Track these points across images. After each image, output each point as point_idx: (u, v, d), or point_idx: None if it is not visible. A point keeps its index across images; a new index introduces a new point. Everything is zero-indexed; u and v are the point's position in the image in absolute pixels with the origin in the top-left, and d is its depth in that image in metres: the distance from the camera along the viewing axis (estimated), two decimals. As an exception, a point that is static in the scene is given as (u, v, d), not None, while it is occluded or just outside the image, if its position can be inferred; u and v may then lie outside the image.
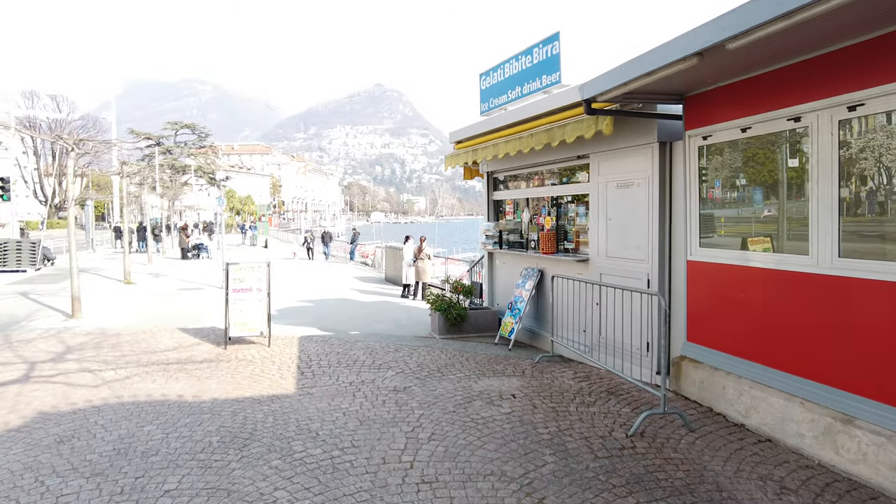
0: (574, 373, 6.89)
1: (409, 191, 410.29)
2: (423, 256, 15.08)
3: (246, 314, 8.10)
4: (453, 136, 9.70)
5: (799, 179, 4.66)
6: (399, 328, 10.47)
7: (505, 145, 7.76)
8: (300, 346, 8.15)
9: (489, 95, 9.01)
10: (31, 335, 8.79)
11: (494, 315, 9.37)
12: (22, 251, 18.24)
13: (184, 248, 25.67)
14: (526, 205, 8.99)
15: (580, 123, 6.37)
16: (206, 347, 8.05)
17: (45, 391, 5.93)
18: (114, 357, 7.40)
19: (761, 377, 4.95)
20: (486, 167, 9.72)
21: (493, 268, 9.84)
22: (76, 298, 9.98)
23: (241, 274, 8.16)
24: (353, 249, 28.72)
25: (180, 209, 57.97)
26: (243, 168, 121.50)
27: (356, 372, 6.80)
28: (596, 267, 7.21)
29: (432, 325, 9.39)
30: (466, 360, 7.42)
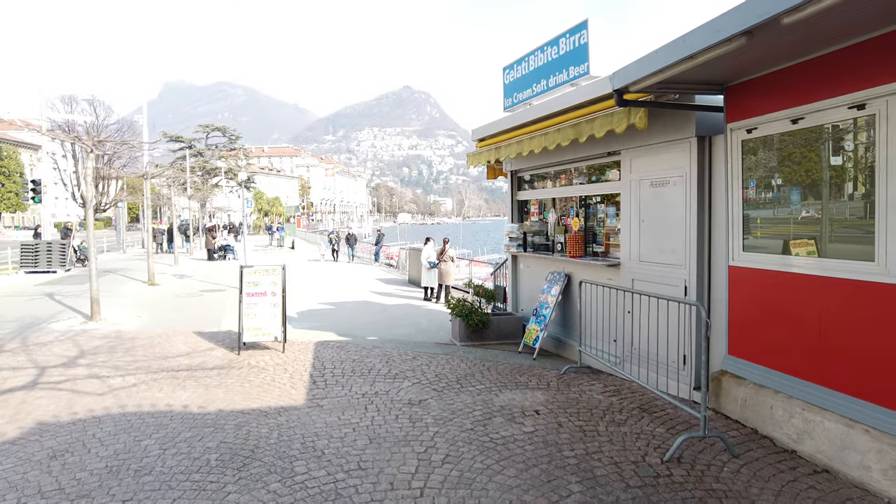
0: (603, 386, 6.41)
1: (436, 192, 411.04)
2: (447, 258, 14.69)
3: (260, 319, 7.84)
4: (475, 133, 9.29)
5: (861, 176, 4.12)
6: (419, 333, 10.11)
7: (529, 142, 7.32)
8: (315, 353, 7.85)
9: (513, 90, 8.57)
10: (48, 338, 8.71)
11: (518, 321, 8.92)
12: (52, 252, 18.52)
13: (210, 249, 25.84)
14: (552, 205, 8.53)
15: (610, 117, 5.89)
16: (219, 353, 7.82)
17: (48, 399, 5.73)
18: (125, 362, 7.22)
19: (816, 398, 4.40)
20: (510, 166, 9.29)
21: (517, 271, 9.39)
22: (95, 301, 9.91)
23: (256, 277, 7.90)
24: (378, 251, 28.52)
25: (211, 211, 58.94)
26: (273, 170, 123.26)
27: (370, 382, 6.45)
28: (627, 272, 6.71)
29: (453, 331, 9.00)
30: (488, 371, 6.99)
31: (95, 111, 68.23)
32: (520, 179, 9.40)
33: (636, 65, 4.89)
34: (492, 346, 8.48)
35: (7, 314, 10.87)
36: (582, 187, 7.74)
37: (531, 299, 8.90)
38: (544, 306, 7.98)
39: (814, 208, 4.51)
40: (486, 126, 8.92)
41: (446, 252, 14.69)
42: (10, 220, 66.45)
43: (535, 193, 8.95)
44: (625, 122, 5.68)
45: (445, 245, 14.83)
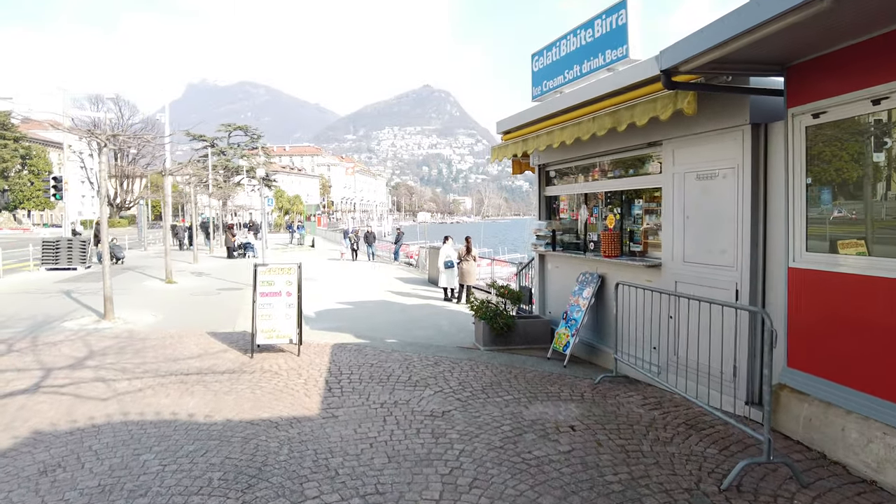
0: (643, 398, 5.87)
1: (456, 191, 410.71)
2: (469, 258, 14.18)
3: (274, 320, 7.45)
4: (500, 125, 8.79)
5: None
6: (441, 336, 9.65)
7: (561, 132, 6.79)
8: (332, 356, 7.44)
9: (542, 78, 8.05)
10: (58, 337, 8.45)
11: (546, 325, 8.40)
12: (73, 249, 18.50)
13: (229, 247, 25.73)
14: (583, 201, 7.99)
15: (654, 103, 5.35)
16: (231, 355, 7.45)
17: (49, 405, 5.40)
18: (133, 364, 6.89)
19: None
20: (538, 159, 8.77)
21: (544, 272, 8.87)
22: (108, 299, 9.66)
23: (270, 276, 7.52)
24: (398, 249, 28.16)
25: (233, 209, 59.41)
26: (294, 169, 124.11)
27: (389, 390, 6.01)
28: (670, 273, 6.15)
29: (476, 334, 8.51)
30: (515, 379, 6.50)
31: (120, 110, 69.26)
32: (548, 174, 8.87)
33: (689, 41, 4.35)
34: (518, 352, 7.98)
35: (22, 312, 10.69)
36: (617, 181, 7.19)
37: (560, 302, 8.37)
38: (575, 310, 7.45)
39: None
40: (513, 117, 8.41)
41: (469, 251, 14.17)
42: (39, 217, 67.89)
43: (565, 189, 8.42)
44: (670, 107, 5.13)
45: (469, 243, 14.31)
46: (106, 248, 9.68)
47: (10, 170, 62.50)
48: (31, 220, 66.88)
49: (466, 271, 14.18)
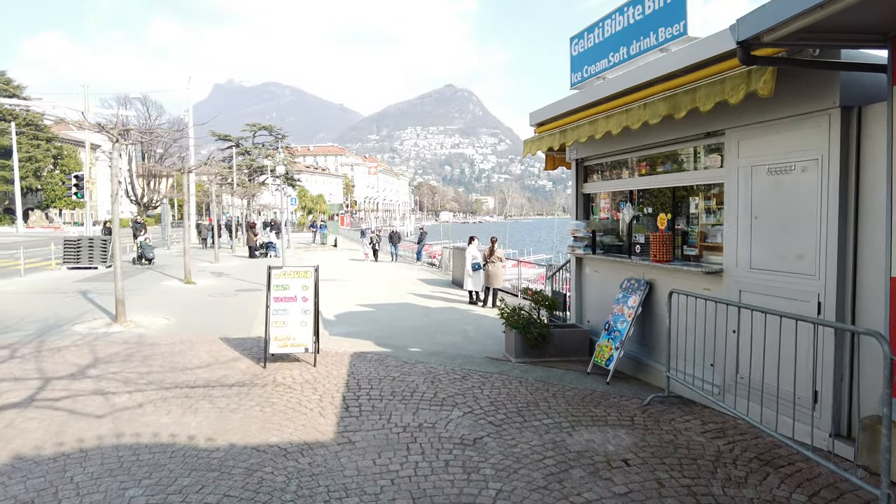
0: (702, 423, 5.12)
1: (478, 190, 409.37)
2: (495, 259, 13.46)
3: (289, 327, 6.88)
4: (534, 116, 8.08)
5: None
6: (467, 343, 8.99)
7: (605, 122, 6.07)
8: (350, 367, 6.83)
9: (582, 62, 7.32)
10: (65, 342, 8.02)
11: (584, 336, 7.67)
12: (94, 248, 18.33)
13: (251, 246, 25.45)
14: (628, 199, 7.23)
15: (720, 85, 4.60)
16: (242, 365, 6.90)
17: (39, 422, 4.89)
18: (137, 374, 6.37)
19: None
20: (575, 153, 8.03)
21: (581, 276, 8.13)
22: (120, 302, 9.22)
23: (285, 280, 6.94)
24: (420, 250, 27.58)
25: (257, 208, 59.65)
26: (318, 168, 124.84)
27: (413, 409, 5.37)
28: (733, 282, 5.39)
29: (507, 344, 7.83)
30: (554, 398, 5.80)
31: (147, 110, 70.25)
32: (586, 169, 8.13)
33: (775, 5, 3.60)
34: (554, 365, 7.27)
35: (35, 313, 10.35)
36: (668, 177, 6.43)
37: (600, 310, 7.64)
38: (619, 319, 6.71)
39: None
40: (549, 107, 7.70)
41: (495, 252, 13.47)
42: (70, 216, 69.24)
43: (606, 185, 7.67)
44: (742, 88, 4.38)
45: (494, 244, 13.61)
46: (117, 248, 9.24)
47: (43, 169, 63.78)
48: (62, 218, 68.23)
49: (493, 274, 13.46)
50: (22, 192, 56.57)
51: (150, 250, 20.47)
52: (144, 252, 20.23)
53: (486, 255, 13.46)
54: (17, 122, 56.00)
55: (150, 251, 20.45)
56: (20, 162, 55.99)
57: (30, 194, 63.83)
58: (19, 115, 59.95)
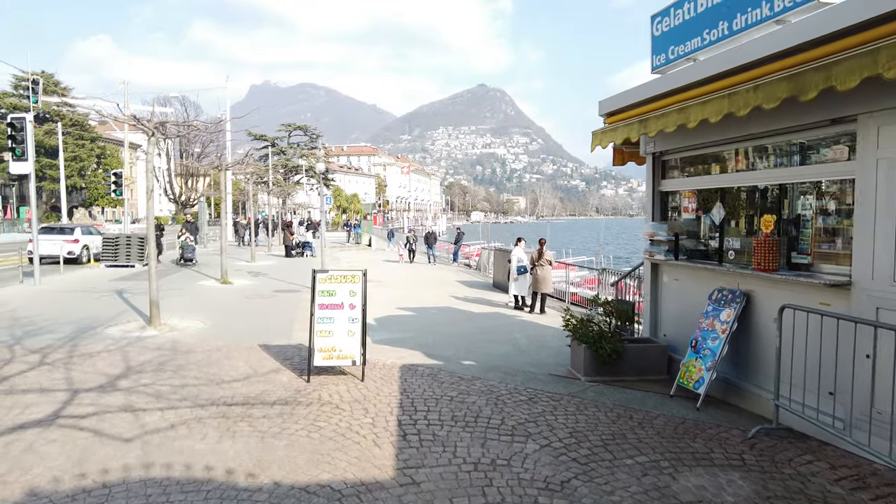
0: (830, 467, 4.24)
1: (510, 190, 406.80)
2: (544, 262, 12.58)
3: (336, 337, 6.21)
4: (604, 105, 7.24)
5: None
6: (520, 354, 8.22)
7: (700, 108, 5.20)
8: (401, 383, 6.14)
9: (667, 43, 6.44)
10: (97, 347, 7.56)
11: (662, 352, 6.80)
12: (131, 246, 18.20)
13: (287, 245, 25.16)
14: (719, 198, 6.33)
15: (870, 56, 3.71)
16: (284, 378, 6.27)
17: (61, 446, 4.33)
18: (170, 387, 5.80)
19: None
20: (653, 146, 7.16)
21: (657, 284, 7.25)
22: (154, 304, 8.75)
23: (331, 285, 6.28)
24: (458, 250, 26.85)
25: (292, 207, 60.02)
26: (351, 168, 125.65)
27: (480, 439, 4.62)
28: (866, 296, 4.47)
29: (574, 360, 7.00)
30: (642, 428, 4.98)
31: (186, 110, 71.51)
32: (664, 164, 7.25)
33: None
34: (629, 385, 6.43)
35: (69, 314, 10.00)
36: (775, 172, 5.53)
37: (680, 323, 6.76)
38: (710, 336, 5.83)
39: None
40: (623, 94, 6.85)
41: (544, 254, 12.59)
42: (111, 214, 71.01)
43: (691, 182, 6.77)
44: (906, 58, 3.49)
45: (543, 246, 12.73)
46: (152, 247, 8.78)
47: (87, 168, 65.49)
48: (104, 216, 69.99)
49: (541, 278, 12.57)
50: (67, 190, 58.13)
51: (191, 251, 20.03)
52: (184, 252, 19.85)
53: (535, 258, 12.60)
54: (63, 123, 57.59)
55: (191, 252, 20.01)
56: (66, 161, 57.53)
57: (74, 192, 65.62)
58: (66, 115, 61.73)
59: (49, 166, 58.33)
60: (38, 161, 58.41)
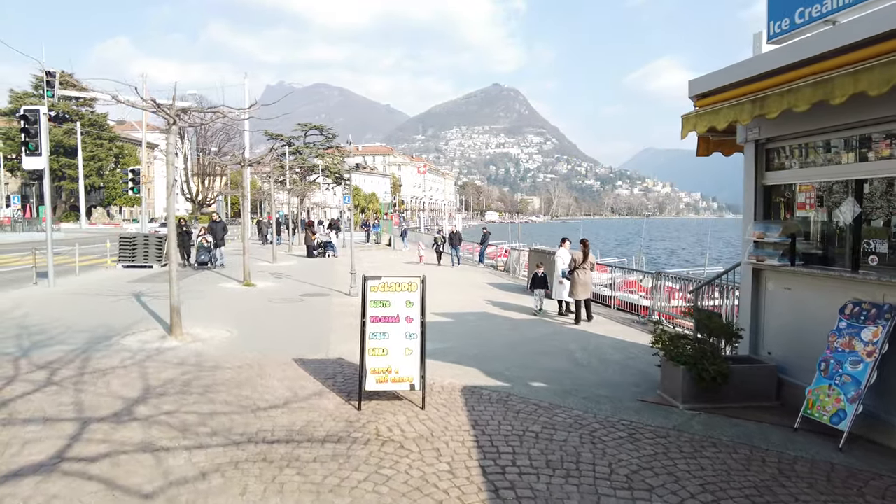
0: None
1: (523, 190, 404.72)
2: (587, 266, 11.27)
3: (390, 357, 5.25)
4: (697, 85, 6.20)
5: None
6: (584, 371, 7.18)
7: (852, 80, 4.15)
8: (469, 412, 5.15)
9: (794, 4, 5.37)
10: (112, 361, 6.68)
11: (770, 374, 5.74)
12: (149, 246, 17.44)
13: (309, 245, 24.31)
14: (846, 192, 5.26)
15: None
16: (329, 404, 5.32)
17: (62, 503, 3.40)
18: (198, 417, 4.87)
19: None
20: (755, 132, 6.10)
21: (760, 294, 6.18)
22: (175, 311, 7.87)
23: (385, 295, 5.31)
24: (484, 251, 25.80)
25: (309, 206, 59.42)
26: (366, 168, 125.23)
27: (591, 495, 3.63)
28: None
29: (667, 383, 5.95)
30: (785, 476, 3.95)
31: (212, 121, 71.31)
32: (769, 154, 6.18)
33: None
34: (736, 413, 5.38)
35: (83, 320, 9.16)
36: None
37: (795, 340, 5.70)
38: (848, 359, 4.76)
39: None
40: (726, 71, 5.80)
41: (588, 257, 11.27)
42: (129, 213, 71.02)
43: (810, 174, 5.69)
44: None
45: (587, 248, 11.47)
46: (172, 247, 7.89)
47: (106, 168, 65.52)
48: (122, 215, 70.02)
49: (581, 283, 11.06)
50: (86, 189, 58.18)
51: (204, 253, 18.06)
52: (198, 255, 17.96)
53: (578, 261, 11.31)
54: (81, 123, 57.61)
55: (204, 254, 18.03)
56: (84, 161, 57.55)
57: (93, 192, 65.73)
58: (84, 115, 61.81)
59: (68, 166, 58.41)
60: (58, 160, 58.66)
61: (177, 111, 7.56)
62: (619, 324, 11.28)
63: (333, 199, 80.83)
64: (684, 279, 11.04)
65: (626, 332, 10.20)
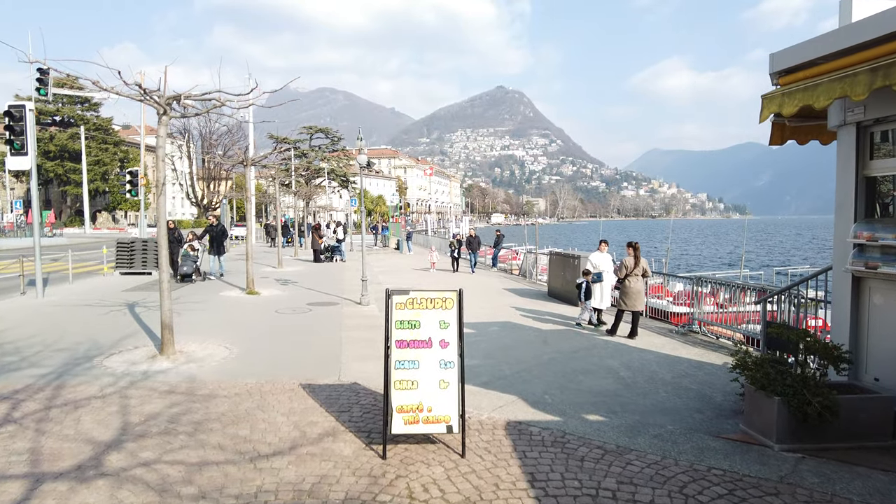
0: None
1: (528, 192, 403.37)
2: (638, 272, 9.96)
3: (422, 391, 4.24)
4: (780, 59, 5.19)
5: None
6: (633, 394, 6.13)
7: None
8: (521, 461, 4.13)
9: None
10: (90, 389, 5.70)
11: (886, 406, 4.69)
12: (147, 252, 16.52)
13: (316, 249, 23.34)
14: None
15: None
16: (346, 449, 4.31)
17: None
18: (184, 469, 3.88)
19: None
20: (859, 113, 5.06)
21: (859, 307, 5.14)
22: (167, 327, 6.89)
23: (413, 314, 4.30)
24: (497, 254, 24.76)
25: (314, 209, 58.62)
26: (372, 171, 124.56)
27: None
28: None
29: (754, 417, 4.90)
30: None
31: (208, 113, 70.84)
32: (873, 138, 5.14)
33: None
34: (847, 457, 4.34)
35: (66, 337, 8.21)
36: None
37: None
38: None
39: None
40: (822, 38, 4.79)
41: (640, 262, 9.84)
42: (134, 217, 70.43)
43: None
44: None
45: (636, 251, 9.88)
46: (164, 256, 6.90)
47: (110, 172, 64.96)
48: (127, 220, 69.45)
49: (635, 292, 9.72)
50: (90, 194, 57.59)
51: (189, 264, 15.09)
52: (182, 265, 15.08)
53: (630, 267, 9.96)
54: (86, 127, 57.06)
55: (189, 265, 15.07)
56: (89, 165, 56.97)
57: (98, 196, 65.14)
58: (89, 120, 61.30)
59: (73, 170, 57.79)
60: (63, 165, 58.07)
61: (167, 99, 6.59)
62: (657, 335, 10.21)
63: (340, 202, 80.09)
64: (727, 284, 10.00)
65: (666, 345, 9.18)
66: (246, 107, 7.96)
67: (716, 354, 8.26)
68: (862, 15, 4.82)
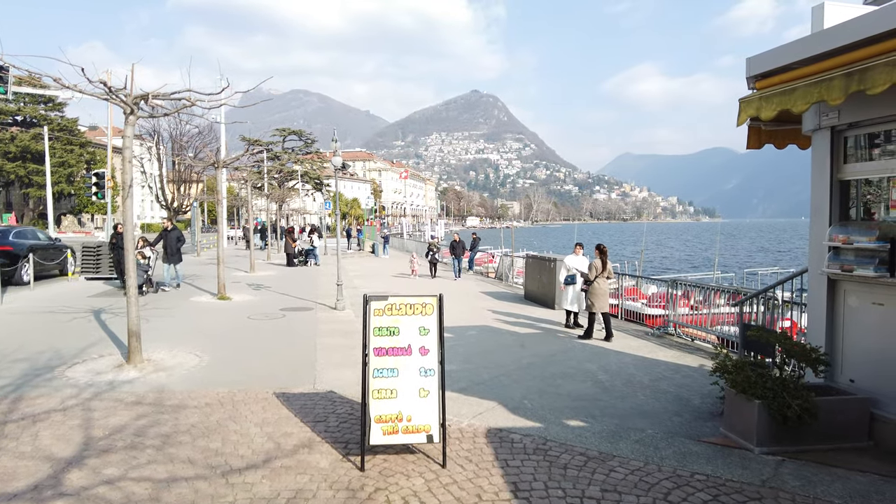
0: None
1: (503, 196, 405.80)
2: (606, 275, 10.28)
3: (401, 400, 4.11)
4: (757, 63, 5.23)
5: None
6: (612, 398, 6.13)
7: None
8: (504, 470, 4.04)
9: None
10: (50, 402, 5.41)
11: (863, 408, 4.74)
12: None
13: (290, 253, 22.97)
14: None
15: None
16: (322, 461, 4.16)
17: None
18: (150, 487, 3.67)
19: None
20: (833, 117, 5.13)
21: (837, 310, 5.20)
22: (134, 335, 6.61)
23: (392, 320, 4.17)
24: (473, 258, 24.74)
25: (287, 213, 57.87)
26: (346, 173, 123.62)
27: None
28: None
29: (734, 420, 4.90)
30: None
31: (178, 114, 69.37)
32: (846, 142, 5.21)
33: None
34: (825, 459, 4.37)
35: (28, 345, 7.83)
36: None
37: (880, 364, 4.72)
38: None
39: None
40: (799, 43, 4.84)
41: (607, 265, 10.29)
42: (101, 221, 68.47)
43: None
44: None
45: (604, 255, 10.45)
46: (131, 262, 6.62)
47: (76, 174, 63.03)
48: (94, 223, 67.46)
49: (601, 292, 10.24)
50: (55, 197, 55.73)
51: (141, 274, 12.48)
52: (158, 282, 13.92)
53: (598, 270, 10.27)
54: (50, 127, 55.25)
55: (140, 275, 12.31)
56: (53, 167, 55.14)
57: (63, 199, 63.17)
58: (53, 120, 59.42)
59: (36, 172, 55.86)
60: (25, 167, 56.13)
61: (135, 99, 6.34)
62: (633, 337, 10.27)
63: (313, 204, 79.23)
64: (701, 286, 10.13)
65: (643, 347, 9.23)
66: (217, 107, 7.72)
67: (692, 357, 8.31)
68: (833, 21, 4.88)
